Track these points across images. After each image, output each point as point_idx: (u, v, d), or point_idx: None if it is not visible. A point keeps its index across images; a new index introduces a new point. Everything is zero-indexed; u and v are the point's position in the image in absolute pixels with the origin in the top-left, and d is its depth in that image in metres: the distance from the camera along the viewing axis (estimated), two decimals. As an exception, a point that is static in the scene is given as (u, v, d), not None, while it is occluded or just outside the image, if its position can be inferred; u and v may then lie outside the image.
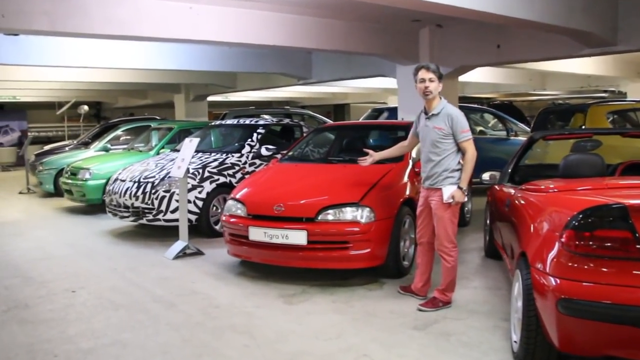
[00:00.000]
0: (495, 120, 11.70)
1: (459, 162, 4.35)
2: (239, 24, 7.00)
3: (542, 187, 3.86)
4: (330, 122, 13.67)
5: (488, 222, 5.98)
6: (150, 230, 7.62)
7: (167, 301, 4.73)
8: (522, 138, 10.58)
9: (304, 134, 8.84)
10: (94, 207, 9.40)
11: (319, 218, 4.90)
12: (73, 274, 5.63)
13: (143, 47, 10.01)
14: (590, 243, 2.70)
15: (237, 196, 5.50)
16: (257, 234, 5.05)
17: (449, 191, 4.29)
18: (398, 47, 8.75)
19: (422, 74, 4.35)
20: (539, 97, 23.47)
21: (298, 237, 4.86)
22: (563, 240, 2.79)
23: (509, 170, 5.24)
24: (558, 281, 2.78)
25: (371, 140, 7.29)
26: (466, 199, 4.36)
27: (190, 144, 6.42)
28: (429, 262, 4.68)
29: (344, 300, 4.67)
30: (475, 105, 11.27)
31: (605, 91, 20.56)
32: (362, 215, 4.88)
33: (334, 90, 21.09)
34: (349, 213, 4.90)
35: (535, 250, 3.21)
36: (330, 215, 4.90)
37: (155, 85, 16.25)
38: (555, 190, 3.70)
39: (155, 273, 5.61)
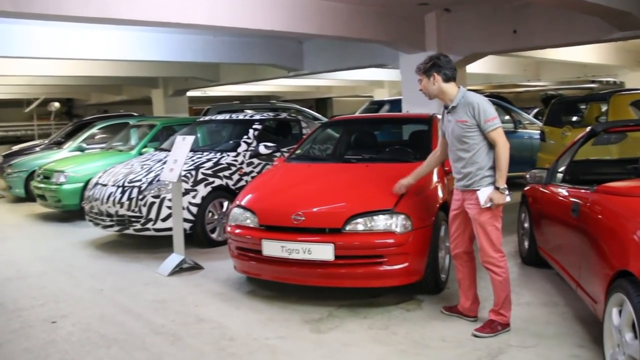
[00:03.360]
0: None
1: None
2: (233, 7, 6.22)
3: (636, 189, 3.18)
4: (318, 116, 12.94)
5: (526, 225, 5.32)
6: (137, 240, 6.77)
7: (170, 333, 3.93)
8: (531, 131, 10.02)
9: (303, 129, 8.13)
10: (71, 213, 8.48)
11: (347, 228, 4.15)
12: (52, 299, 4.77)
13: (119, 35, 9.14)
14: None
15: (244, 203, 4.71)
16: (272, 248, 4.27)
17: (485, 194, 3.63)
18: (403, 33, 8.06)
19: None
20: (527, 88, 23.06)
21: (323, 251, 4.10)
22: None
23: (562, 169, 4.56)
24: None
25: (390, 135, 6.56)
26: (509, 199, 3.69)
27: (183, 142, 5.60)
28: (471, 276, 3.99)
29: (382, 325, 3.95)
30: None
31: (593, 82, 20.18)
32: (397, 224, 4.14)
33: (318, 84, 20.33)
34: (381, 222, 4.15)
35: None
36: (360, 224, 4.15)
37: (131, 80, 15.29)
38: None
39: (150, 295, 4.80)
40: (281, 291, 4.65)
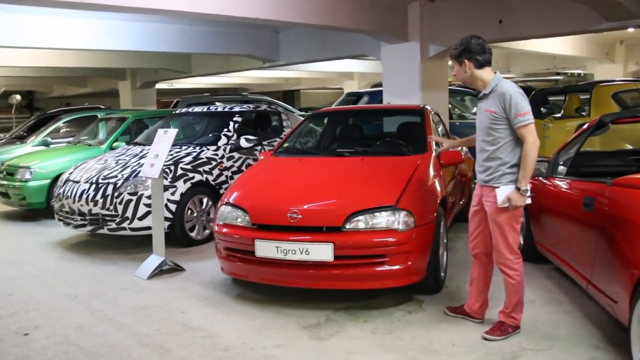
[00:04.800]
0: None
1: (520, 155, 3.45)
2: (216, -7, 5.87)
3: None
4: (290, 108, 12.63)
5: (522, 219, 5.15)
6: (109, 240, 6.38)
7: (158, 344, 3.61)
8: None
9: (284, 122, 7.84)
10: (36, 212, 7.99)
11: (347, 227, 3.90)
12: (22, 307, 4.37)
13: (88, 24, 8.66)
14: None
15: (233, 200, 4.40)
16: (266, 249, 3.98)
17: (503, 193, 3.41)
18: (386, 23, 7.84)
19: None
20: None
21: (322, 251, 3.84)
22: None
23: (566, 160, 4.40)
24: None
25: (377, 127, 6.33)
26: (529, 201, 3.48)
27: (165, 136, 5.25)
28: (487, 278, 3.78)
29: (385, 329, 3.71)
30: (456, 87, 10.45)
31: (558, 74, 20.40)
32: (399, 221, 3.91)
33: (287, 75, 20.01)
34: (383, 219, 3.92)
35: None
36: (361, 222, 3.91)
37: (97, 71, 14.69)
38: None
39: (130, 300, 4.44)
40: (272, 294, 4.37)
